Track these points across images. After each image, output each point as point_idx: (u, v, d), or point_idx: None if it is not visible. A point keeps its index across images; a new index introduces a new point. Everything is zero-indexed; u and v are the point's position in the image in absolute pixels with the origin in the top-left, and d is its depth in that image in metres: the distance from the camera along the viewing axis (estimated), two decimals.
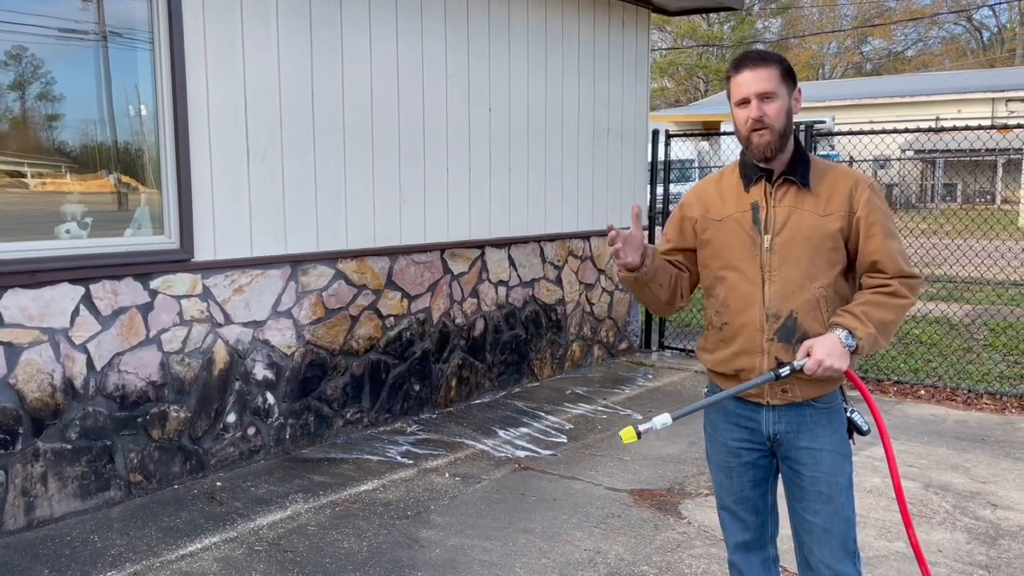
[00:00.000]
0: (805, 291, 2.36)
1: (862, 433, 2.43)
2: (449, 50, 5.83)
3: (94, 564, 3.66)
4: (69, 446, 4.10)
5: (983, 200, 25.53)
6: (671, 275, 2.55)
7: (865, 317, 2.28)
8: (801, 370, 2.29)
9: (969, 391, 6.45)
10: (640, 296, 2.57)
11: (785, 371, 2.31)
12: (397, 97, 5.50)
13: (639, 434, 2.28)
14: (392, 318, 5.61)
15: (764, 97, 2.33)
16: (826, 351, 2.26)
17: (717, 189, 2.54)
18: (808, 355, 2.28)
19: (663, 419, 2.29)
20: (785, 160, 2.40)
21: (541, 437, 5.41)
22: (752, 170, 2.44)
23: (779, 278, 2.38)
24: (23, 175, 4.19)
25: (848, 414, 2.44)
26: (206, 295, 4.59)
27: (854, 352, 2.29)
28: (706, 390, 2.63)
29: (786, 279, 2.37)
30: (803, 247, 2.36)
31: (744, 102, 2.36)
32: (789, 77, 2.38)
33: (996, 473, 4.77)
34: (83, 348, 4.12)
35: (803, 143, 2.50)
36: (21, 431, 3.93)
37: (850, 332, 2.27)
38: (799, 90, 2.43)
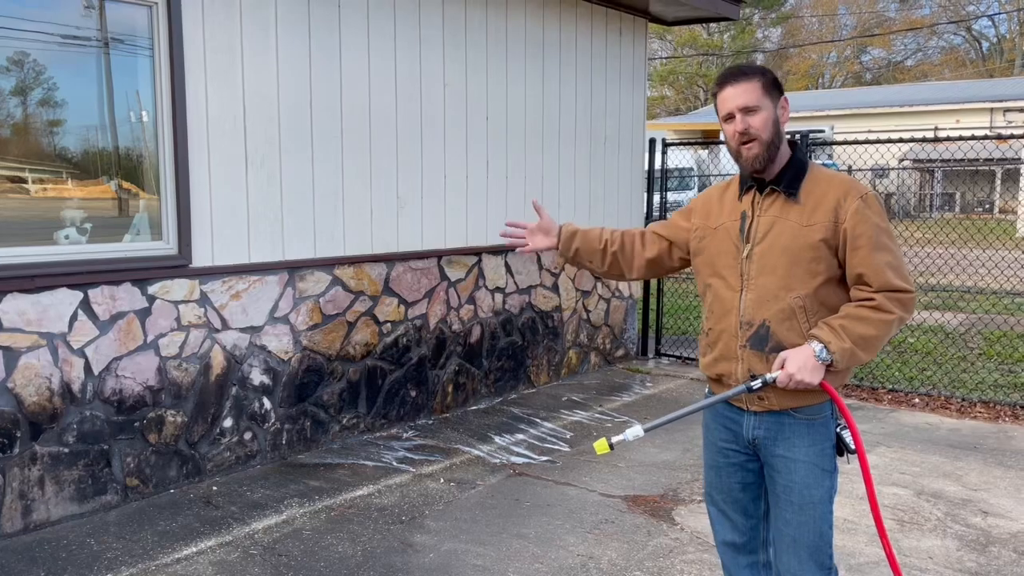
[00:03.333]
0: (780, 300, 2.37)
1: (851, 452, 2.41)
2: (447, 58, 5.88)
3: (90, 567, 3.68)
4: (66, 450, 4.13)
5: (981, 210, 25.58)
6: (600, 253, 2.75)
7: (843, 331, 2.28)
8: (774, 383, 2.32)
9: (963, 400, 6.48)
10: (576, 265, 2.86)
11: (757, 384, 2.34)
12: (395, 105, 5.55)
13: (611, 446, 2.34)
14: (389, 324, 5.64)
15: (747, 111, 2.37)
16: (798, 365, 2.27)
17: (720, 197, 2.60)
18: (782, 367, 2.30)
19: (635, 431, 2.34)
20: (776, 169, 2.43)
21: (537, 443, 5.44)
22: (746, 179, 2.50)
23: (755, 286, 2.41)
24: (24, 181, 4.22)
25: (838, 430, 2.41)
26: (204, 301, 4.62)
27: (830, 366, 2.29)
28: (706, 392, 2.69)
29: (762, 288, 2.40)
30: (781, 257, 2.37)
31: (730, 117, 2.41)
32: (773, 88, 2.41)
33: (988, 481, 4.80)
34: (81, 353, 4.15)
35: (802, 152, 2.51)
36: (19, 435, 3.96)
37: (825, 346, 2.28)
38: (785, 99, 2.46)
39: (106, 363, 4.24)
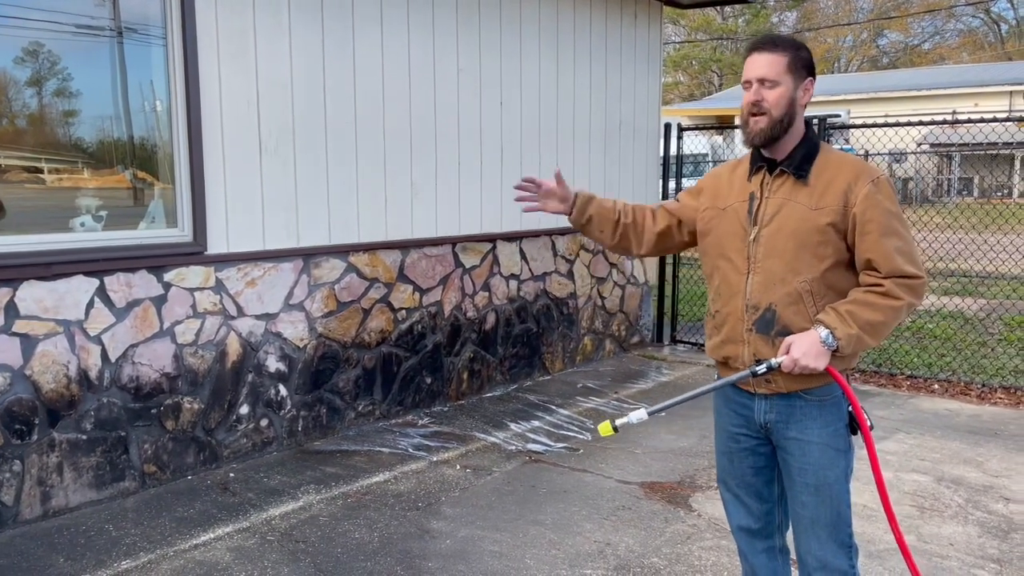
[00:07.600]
0: (787, 284, 2.35)
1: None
2: (461, 44, 5.84)
3: (109, 553, 3.70)
4: (84, 437, 4.15)
5: (1000, 194, 25.28)
6: (613, 224, 2.71)
7: (850, 317, 2.25)
8: (779, 367, 2.30)
9: (983, 385, 6.41)
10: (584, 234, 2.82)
11: (761, 368, 2.33)
12: (408, 90, 5.51)
13: (616, 428, 2.35)
14: (404, 311, 5.63)
15: (765, 82, 2.33)
16: (803, 350, 2.26)
17: (730, 177, 2.56)
18: (787, 352, 2.28)
19: (639, 414, 2.35)
20: (787, 150, 2.39)
21: (552, 430, 5.42)
22: (756, 159, 2.45)
23: (762, 270, 2.39)
24: (39, 170, 4.23)
25: (850, 409, 2.39)
26: (219, 288, 4.62)
27: (835, 351, 2.27)
28: (715, 376, 2.65)
29: (768, 271, 2.37)
30: (788, 240, 2.34)
31: (748, 84, 2.37)
32: (800, 67, 2.35)
33: (1009, 467, 4.74)
34: (98, 340, 4.17)
35: (817, 135, 2.45)
36: (37, 422, 3.98)
37: (831, 331, 2.25)
38: (811, 82, 2.40)
39: (123, 350, 4.26)
